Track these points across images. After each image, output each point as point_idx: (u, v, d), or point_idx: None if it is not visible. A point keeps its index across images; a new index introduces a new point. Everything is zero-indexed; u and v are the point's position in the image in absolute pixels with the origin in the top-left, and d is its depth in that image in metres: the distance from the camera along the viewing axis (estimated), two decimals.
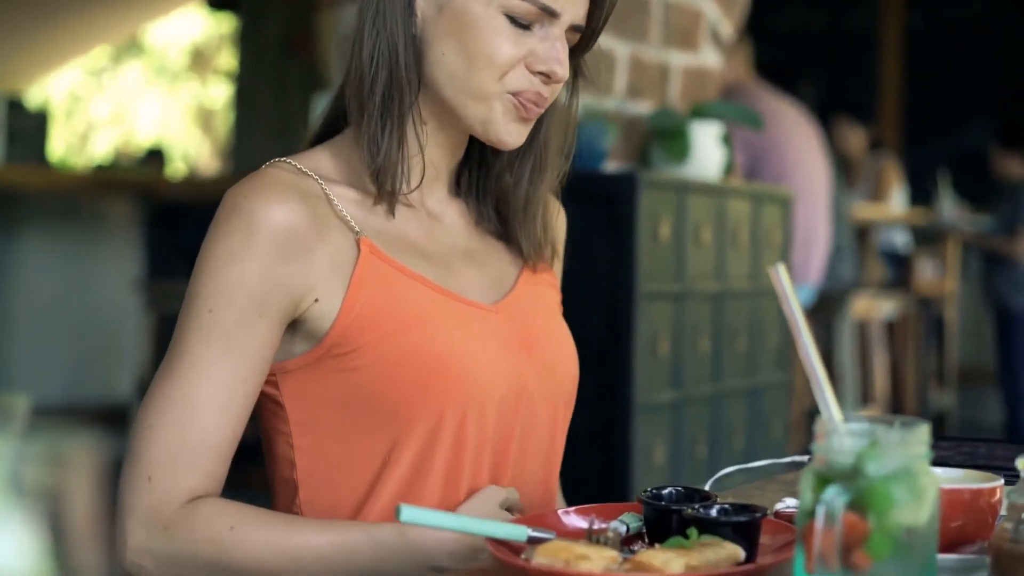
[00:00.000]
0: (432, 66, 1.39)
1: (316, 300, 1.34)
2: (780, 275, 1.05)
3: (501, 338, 1.41)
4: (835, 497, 0.96)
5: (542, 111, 1.39)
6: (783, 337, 3.58)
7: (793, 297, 1.05)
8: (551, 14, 1.36)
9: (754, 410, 3.41)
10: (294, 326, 1.35)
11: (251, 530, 1.28)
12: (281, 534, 1.29)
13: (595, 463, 2.88)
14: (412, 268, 1.39)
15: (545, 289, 1.51)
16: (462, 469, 1.37)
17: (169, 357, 1.31)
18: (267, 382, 1.37)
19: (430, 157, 1.43)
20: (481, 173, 1.48)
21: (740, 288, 3.34)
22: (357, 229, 1.37)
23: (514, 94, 1.37)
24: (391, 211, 1.40)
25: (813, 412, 4.50)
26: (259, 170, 1.38)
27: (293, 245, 1.32)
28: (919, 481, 0.98)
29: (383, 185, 1.38)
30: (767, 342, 3.46)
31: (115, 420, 5.08)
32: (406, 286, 1.37)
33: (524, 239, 1.48)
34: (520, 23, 1.36)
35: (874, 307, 5.40)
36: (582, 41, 1.42)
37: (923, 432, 1.00)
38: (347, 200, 1.39)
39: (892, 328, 5.86)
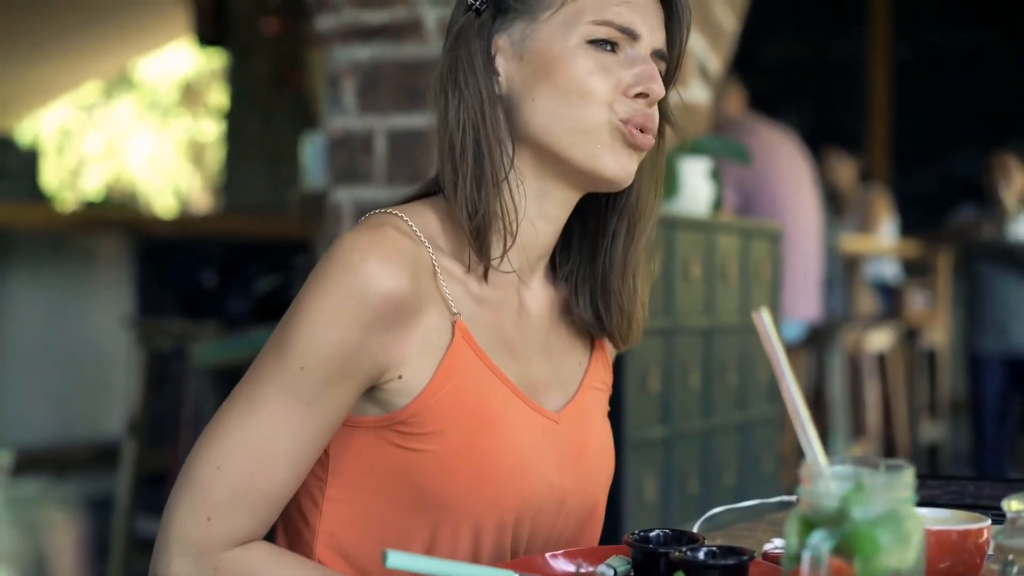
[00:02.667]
0: (527, 120, 1.35)
1: (400, 377, 1.31)
2: (764, 319, 1.05)
3: (559, 452, 1.39)
4: (821, 542, 0.95)
5: (651, 138, 1.35)
6: (773, 373, 3.58)
7: (777, 341, 1.05)
8: (632, 36, 1.34)
9: (745, 445, 3.41)
10: (370, 392, 1.32)
11: None
12: None
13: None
14: (497, 363, 1.35)
15: (600, 394, 1.48)
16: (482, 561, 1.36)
17: (246, 399, 1.28)
18: None
19: (530, 234, 1.38)
20: (582, 259, 1.43)
21: (730, 323, 3.34)
22: (455, 311, 1.34)
23: (623, 122, 1.33)
24: (487, 271, 1.36)
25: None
26: (376, 220, 1.33)
27: (396, 318, 1.29)
28: (905, 525, 0.98)
29: (483, 246, 1.34)
30: (757, 376, 3.46)
31: (105, 459, 5.06)
32: (489, 384, 1.34)
33: (615, 308, 1.43)
34: (605, 49, 1.33)
35: (865, 339, 5.40)
36: (665, 76, 1.39)
37: (908, 476, 1.00)
38: (450, 275, 1.35)
39: (883, 360, 5.87)
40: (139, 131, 14.46)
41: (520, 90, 1.35)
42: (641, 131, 1.34)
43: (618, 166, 1.34)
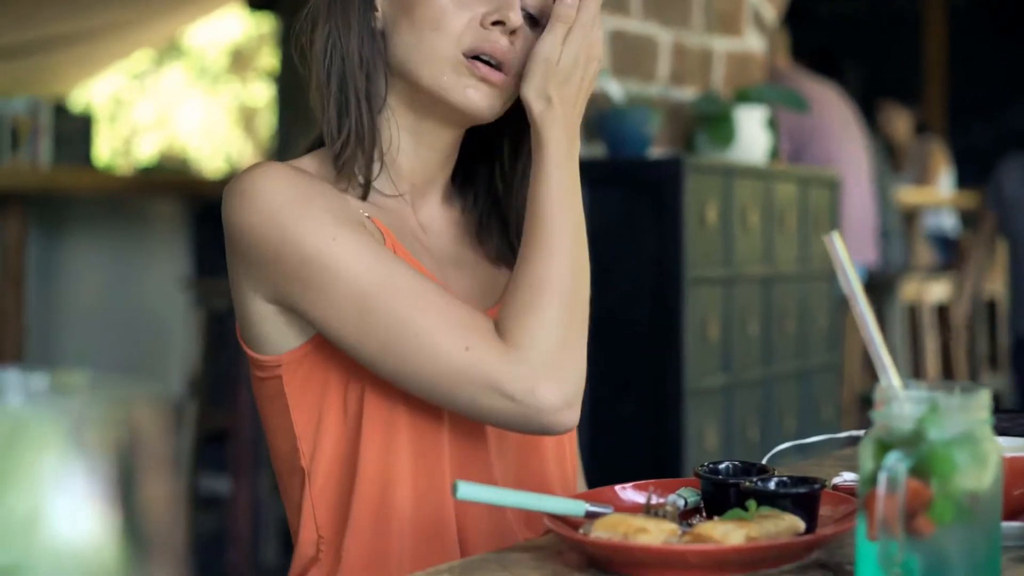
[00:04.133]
0: (393, 53, 1.39)
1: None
2: (835, 244, 1.04)
3: None
4: (897, 462, 0.95)
5: (500, 74, 1.36)
6: (832, 319, 3.55)
7: (849, 265, 1.04)
8: None
9: (805, 393, 3.39)
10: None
11: (527, 281, 1.31)
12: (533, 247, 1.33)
13: (647, 448, 2.87)
14: (417, 259, 1.38)
15: None
16: (464, 454, 1.38)
17: (356, 303, 1.27)
18: (272, 376, 1.37)
19: (413, 165, 1.42)
20: (488, 197, 1.48)
21: (788, 271, 3.32)
22: (366, 214, 1.37)
23: (470, 56, 1.36)
24: (363, 196, 1.38)
25: (865, 396, 4.47)
26: (248, 167, 1.36)
27: (335, 194, 1.34)
28: (982, 446, 0.97)
29: (349, 171, 1.37)
30: (816, 324, 3.43)
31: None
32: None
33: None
34: None
35: (924, 291, 5.35)
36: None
37: (984, 397, 0.98)
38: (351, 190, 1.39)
39: (942, 312, 5.82)
40: (190, 99, 14.51)
41: (391, 24, 1.39)
42: (491, 63, 1.36)
43: (465, 98, 1.36)
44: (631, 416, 2.87)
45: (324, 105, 1.38)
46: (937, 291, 5.51)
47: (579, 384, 1.28)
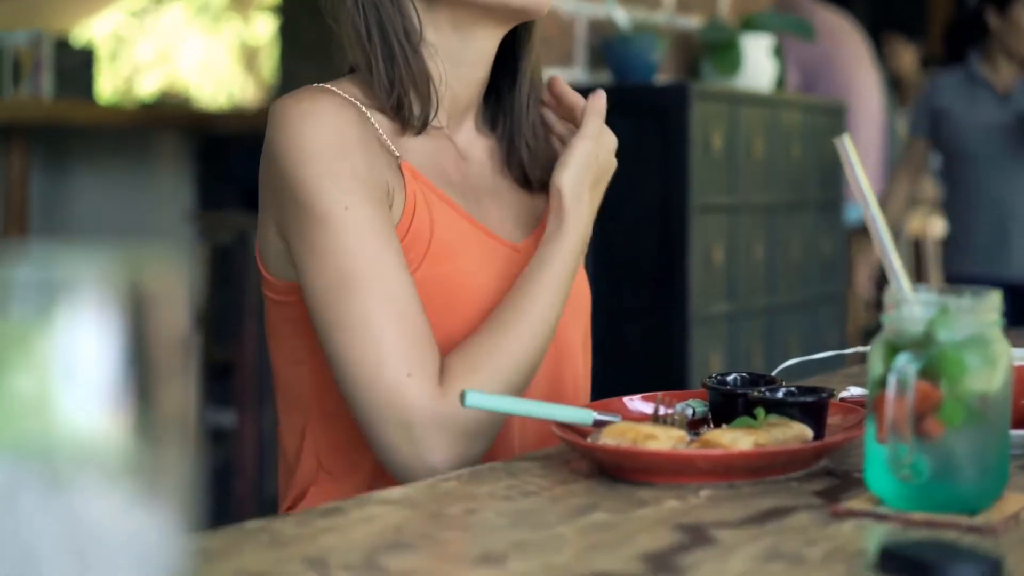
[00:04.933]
0: None
1: (391, 206, 1.33)
2: (845, 146, 1.03)
3: None
4: (907, 364, 0.95)
5: None
6: (838, 250, 3.55)
7: (859, 167, 1.03)
8: None
9: (810, 323, 3.39)
10: None
11: (494, 357, 1.28)
12: (508, 334, 1.30)
13: (652, 376, 2.87)
14: (447, 195, 1.38)
15: None
16: None
17: (333, 275, 1.26)
18: (283, 301, 1.36)
19: (453, 90, 1.41)
20: (513, 114, 1.46)
21: (793, 200, 3.31)
22: (397, 154, 1.36)
23: None
24: (419, 132, 1.39)
25: (870, 331, 4.47)
26: (300, 89, 1.36)
27: (372, 145, 1.32)
28: (991, 348, 0.97)
29: (404, 110, 1.37)
30: (821, 255, 3.43)
31: None
32: (443, 212, 1.36)
33: (524, 151, 1.46)
34: None
35: (929, 224, 5.34)
36: None
37: (994, 299, 0.98)
38: (385, 127, 1.38)
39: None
40: (190, 37, 14.43)
41: None
42: None
43: None
44: (637, 344, 2.87)
45: (372, 59, 1.36)
46: (941, 225, 5.50)
47: (472, 460, 1.25)
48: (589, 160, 1.37)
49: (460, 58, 1.40)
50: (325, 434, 1.37)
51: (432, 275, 1.33)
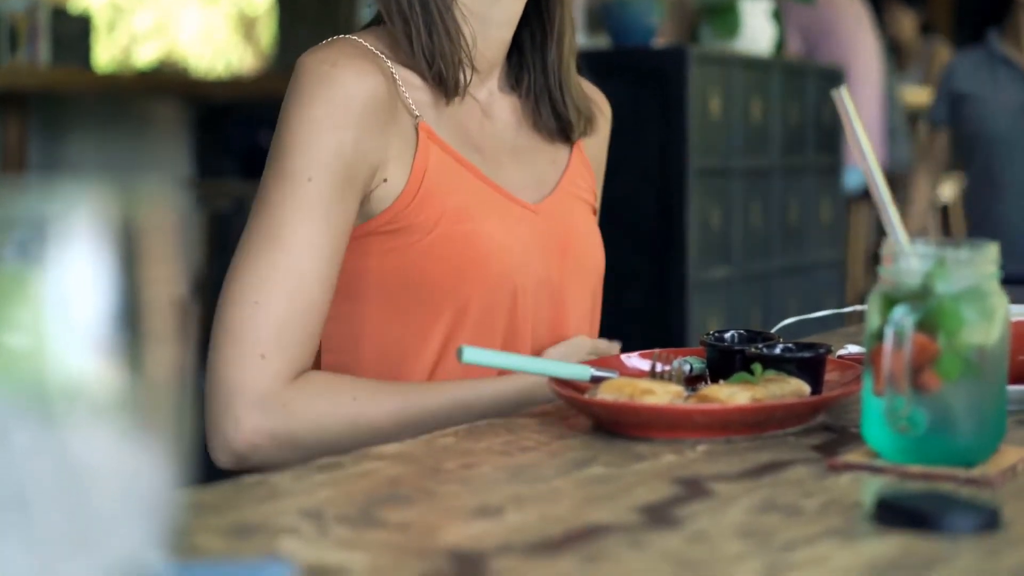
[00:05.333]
0: None
1: (385, 180, 1.34)
2: (843, 99, 1.03)
3: (540, 239, 1.42)
4: (904, 317, 0.94)
5: None
6: (836, 215, 3.54)
7: (857, 120, 1.03)
8: None
9: (808, 286, 3.39)
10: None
11: (376, 399, 1.28)
12: (406, 400, 1.29)
13: (650, 340, 2.86)
14: (465, 157, 1.39)
15: (584, 194, 1.51)
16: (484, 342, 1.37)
17: (264, 228, 1.28)
18: None
19: (480, 52, 1.42)
20: (535, 68, 1.47)
21: (791, 164, 3.30)
22: (417, 113, 1.37)
23: None
24: (450, 101, 1.39)
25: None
26: (330, 40, 1.36)
27: (378, 117, 1.32)
28: (989, 300, 0.97)
29: (447, 79, 1.37)
30: (819, 219, 3.43)
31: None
32: (459, 175, 1.37)
33: (570, 103, 1.47)
34: None
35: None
36: None
37: (992, 251, 0.98)
38: (409, 84, 1.38)
39: (946, 211, 5.80)
40: (188, 6, 14.37)
41: None
42: None
43: None
44: (635, 308, 2.87)
45: (414, 30, 1.37)
46: (941, 191, 5.49)
47: (280, 462, 1.24)
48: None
49: (489, 19, 1.41)
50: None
51: (449, 236, 1.34)
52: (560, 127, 1.48)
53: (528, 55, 1.47)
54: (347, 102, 1.30)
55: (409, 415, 1.28)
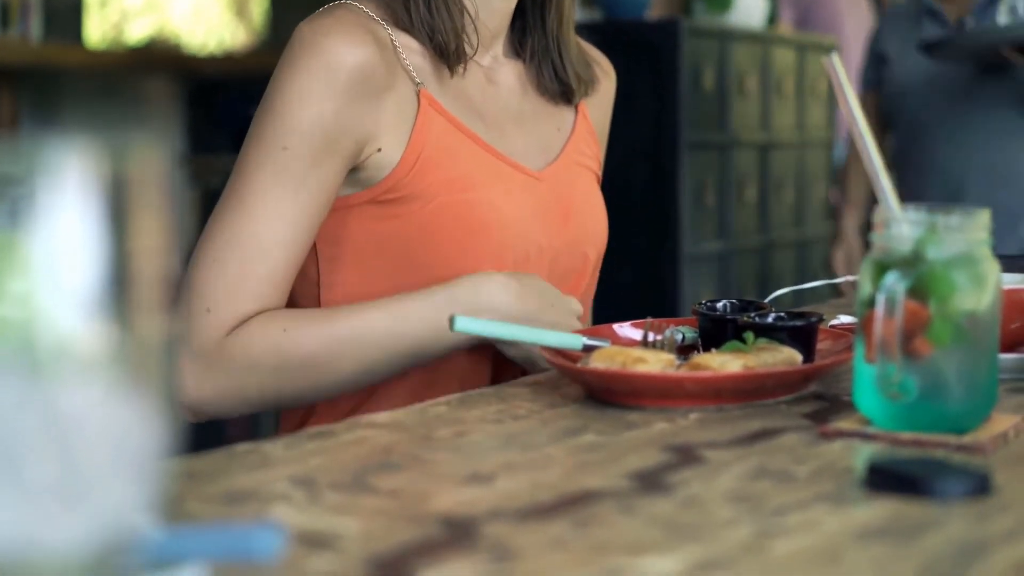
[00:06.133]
0: None
1: (379, 150, 1.34)
2: (834, 65, 1.03)
3: (542, 206, 1.42)
4: (896, 283, 0.94)
5: None
6: (830, 189, 3.54)
7: (848, 87, 1.02)
8: None
9: (803, 262, 3.39)
10: (352, 171, 1.34)
11: (304, 325, 1.29)
12: (334, 322, 1.29)
13: (643, 314, 2.86)
14: (467, 125, 1.39)
15: (588, 161, 1.51)
16: None
17: (235, 192, 1.29)
18: None
19: (483, 21, 1.42)
20: (536, 31, 1.47)
21: (786, 139, 3.30)
22: (418, 80, 1.37)
23: None
24: (453, 72, 1.39)
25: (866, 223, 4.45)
26: (330, 7, 1.36)
27: (367, 88, 1.32)
28: (980, 266, 0.97)
29: (448, 51, 1.37)
30: (814, 193, 3.42)
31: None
32: (461, 143, 1.37)
33: (569, 64, 1.47)
34: None
35: None
36: None
37: (984, 218, 0.98)
38: (410, 50, 1.38)
39: None
40: None
41: None
42: None
43: None
44: (628, 282, 2.87)
45: (409, 7, 1.37)
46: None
47: (217, 415, 1.29)
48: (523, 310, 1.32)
49: None
50: None
51: (452, 204, 1.34)
52: (562, 90, 1.48)
53: (529, 18, 1.47)
54: (332, 74, 1.30)
55: (342, 334, 1.28)
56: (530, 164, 1.43)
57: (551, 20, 1.46)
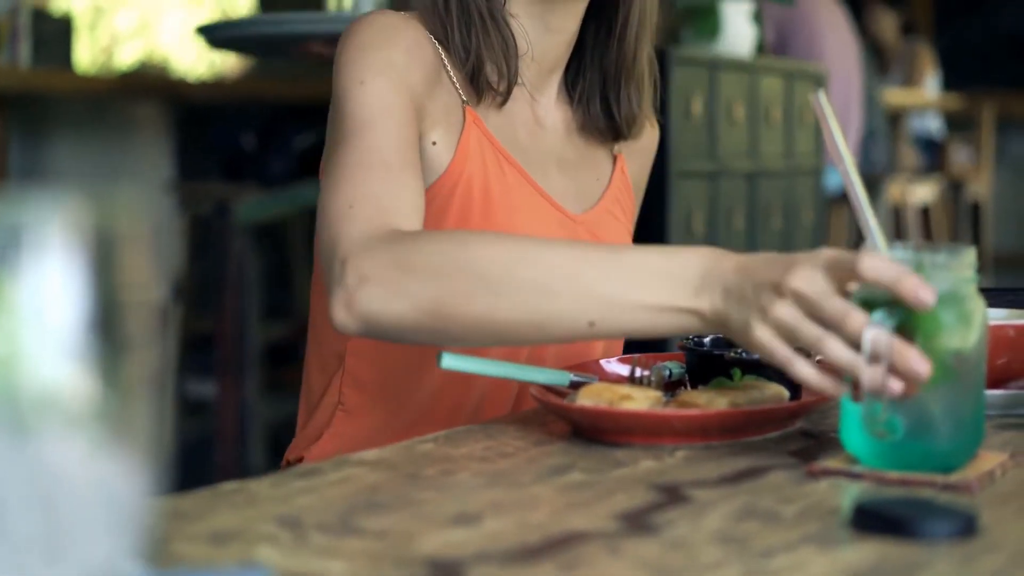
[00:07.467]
0: None
1: (434, 143, 1.31)
2: (821, 102, 1.03)
3: None
4: (882, 321, 0.94)
5: None
6: (818, 217, 3.55)
7: (834, 123, 1.03)
8: None
9: None
10: None
11: (485, 240, 1.14)
12: (519, 240, 1.15)
13: (632, 346, 2.86)
14: (511, 154, 1.37)
15: (621, 216, 1.49)
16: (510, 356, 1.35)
17: (342, 135, 1.24)
18: None
19: (537, 58, 1.39)
20: (592, 68, 1.43)
21: (774, 167, 3.31)
22: (464, 98, 1.35)
23: None
24: (501, 106, 1.37)
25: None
26: (380, 10, 1.36)
27: (422, 62, 1.31)
28: (966, 305, 0.97)
29: (478, 81, 1.34)
30: (802, 221, 3.43)
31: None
32: (504, 169, 1.35)
33: (624, 102, 1.42)
34: None
35: (908, 192, 5.35)
36: None
37: (969, 256, 0.98)
38: (456, 70, 1.36)
39: (927, 213, 5.82)
40: (170, 7, 14.32)
41: None
42: None
43: None
44: None
45: (448, 28, 1.34)
46: (921, 193, 5.52)
47: (385, 325, 1.12)
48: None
49: (546, 25, 1.38)
50: (353, 369, 1.37)
51: (486, 227, 1.31)
52: (610, 127, 1.44)
53: (587, 57, 1.43)
54: (393, 30, 1.30)
55: (527, 247, 1.11)
56: (568, 207, 1.41)
57: (609, 59, 1.42)
